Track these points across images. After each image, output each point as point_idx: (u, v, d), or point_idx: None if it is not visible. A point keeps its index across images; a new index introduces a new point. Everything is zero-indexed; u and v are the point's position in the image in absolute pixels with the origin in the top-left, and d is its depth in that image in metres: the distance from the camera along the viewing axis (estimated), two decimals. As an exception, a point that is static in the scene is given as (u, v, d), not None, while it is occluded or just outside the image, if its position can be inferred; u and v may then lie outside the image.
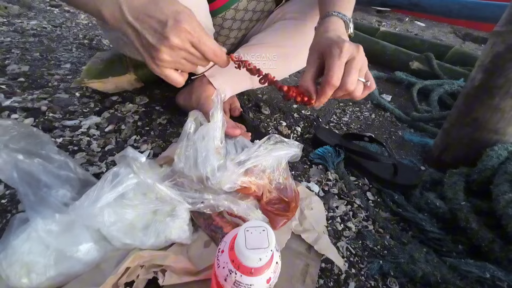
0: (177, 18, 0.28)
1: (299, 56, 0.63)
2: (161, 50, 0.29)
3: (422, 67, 1.25)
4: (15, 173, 0.27)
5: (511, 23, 0.45)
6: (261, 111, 0.76)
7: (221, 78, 0.58)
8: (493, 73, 0.48)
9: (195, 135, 0.42)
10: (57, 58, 0.85)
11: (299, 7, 0.61)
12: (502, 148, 0.47)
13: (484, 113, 0.51)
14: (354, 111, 0.91)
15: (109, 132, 0.57)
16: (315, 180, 0.54)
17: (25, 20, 1.15)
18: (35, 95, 0.64)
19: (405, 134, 0.82)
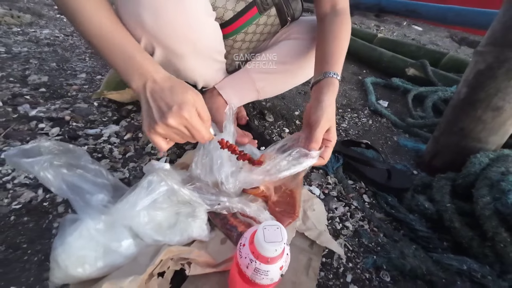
0: (181, 106, 0.34)
1: (301, 71, 0.69)
2: (159, 125, 0.34)
3: (418, 74, 1.31)
4: (64, 185, 0.32)
5: (491, 45, 0.50)
6: (266, 119, 0.81)
7: (230, 91, 0.63)
8: (475, 88, 0.53)
9: (211, 145, 0.47)
10: (73, 68, 0.90)
11: (302, 28, 0.66)
12: (484, 155, 0.53)
13: (469, 123, 0.56)
14: (352, 117, 0.97)
15: (128, 140, 0.62)
16: (316, 183, 0.60)
17: (37, 29, 1.20)
18: (57, 105, 0.69)
19: (400, 140, 0.87)
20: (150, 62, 0.37)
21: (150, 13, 0.41)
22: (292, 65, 0.67)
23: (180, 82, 0.37)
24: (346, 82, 1.27)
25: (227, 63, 0.63)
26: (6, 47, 0.97)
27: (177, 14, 0.42)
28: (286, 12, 0.62)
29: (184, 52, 0.47)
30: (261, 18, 0.59)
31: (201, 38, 0.48)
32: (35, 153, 0.34)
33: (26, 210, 0.42)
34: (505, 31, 0.49)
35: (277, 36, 0.70)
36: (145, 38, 0.43)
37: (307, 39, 0.65)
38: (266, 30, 0.64)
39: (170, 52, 0.46)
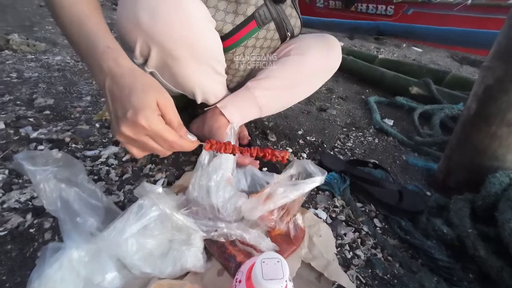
0: (136, 112, 0.28)
1: (303, 87, 0.69)
2: (118, 132, 0.30)
3: (421, 92, 1.30)
4: (58, 202, 0.30)
5: (497, 59, 0.49)
6: (268, 138, 0.79)
7: (232, 109, 0.62)
8: (486, 102, 0.51)
9: (209, 167, 0.45)
10: (79, 91, 0.92)
11: (302, 45, 0.67)
12: (504, 175, 0.49)
13: (482, 140, 0.53)
14: (357, 136, 0.94)
15: (126, 162, 0.60)
16: (322, 206, 0.56)
17: (50, 56, 1.26)
18: (59, 127, 0.69)
19: (409, 159, 0.83)
20: (112, 54, 0.32)
21: (148, 12, 0.41)
22: (294, 82, 0.66)
23: (143, 78, 0.32)
24: (350, 101, 1.26)
25: (227, 79, 0.63)
26: (18, 73, 1.01)
27: (175, 14, 0.42)
28: (285, 28, 0.63)
29: (181, 54, 0.46)
30: (261, 32, 0.60)
31: (199, 40, 0.47)
32: (42, 161, 0.32)
33: (11, 236, 0.39)
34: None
35: (277, 52, 0.71)
36: (141, 39, 0.43)
37: (307, 55, 0.65)
38: (266, 45, 0.64)
39: (166, 54, 0.45)
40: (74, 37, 0.34)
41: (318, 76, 0.70)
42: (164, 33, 0.43)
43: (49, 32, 1.76)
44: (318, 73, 0.69)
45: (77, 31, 0.33)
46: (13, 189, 0.47)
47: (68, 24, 0.34)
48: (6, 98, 0.80)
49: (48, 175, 0.30)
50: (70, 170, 0.35)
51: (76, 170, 0.37)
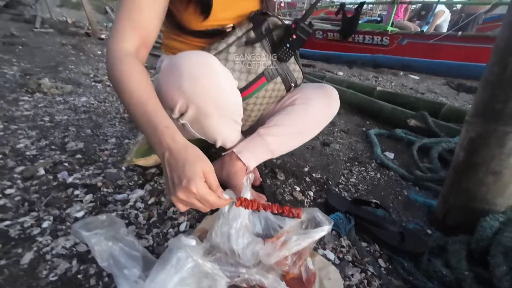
0: (189, 181, 0.37)
1: (309, 131, 0.78)
2: (173, 195, 0.39)
3: (419, 124, 1.37)
4: (110, 260, 0.36)
5: (477, 116, 0.56)
6: (277, 177, 0.86)
7: (247, 154, 0.70)
8: (471, 153, 0.58)
9: (230, 214, 0.52)
10: (104, 134, 1.02)
11: (304, 95, 0.77)
12: (494, 219, 0.54)
13: (473, 185, 0.59)
14: (360, 171, 1.00)
15: (151, 205, 0.67)
16: (330, 247, 0.61)
17: (76, 97, 1.39)
18: (91, 171, 0.78)
19: (411, 194, 0.89)
20: (169, 132, 0.41)
21: (189, 81, 0.52)
22: (300, 127, 0.75)
23: (193, 153, 0.40)
24: (351, 135, 1.34)
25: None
26: (50, 116, 1.12)
27: (210, 83, 0.54)
28: (289, 80, 0.72)
29: (212, 112, 0.57)
30: (269, 85, 0.70)
31: (227, 102, 0.58)
32: (93, 226, 0.40)
33: (61, 282, 0.45)
34: (488, 104, 0.55)
35: (283, 101, 0.80)
36: (181, 100, 0.54)
37: (311, 105, 0.75)
38: (274, 95, 0.74)
39: (200, 112, 0.56)
40: (137, 116, 0.43)
41: (320, 122, 0.78)
42: (201, 97, 0.54)
43: (72, 72, 1.93)
44: (320, 119, 0.77)
45: (140, 112, 0.43)
46: (59, 235, 0.54)
47: (132, 106, 0.43)
48: (42, 143, 0.90)
49: (99, 237, 0.37)
50: (113, 228, 0.42)
51: (117, 226, 0.44)
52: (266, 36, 0.66)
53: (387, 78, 2.80)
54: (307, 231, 0.47)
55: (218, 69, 0.55)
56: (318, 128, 0.79)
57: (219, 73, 0.55)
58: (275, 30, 0.66)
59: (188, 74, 0.52)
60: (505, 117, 0.51)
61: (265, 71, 0.68)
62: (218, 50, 0.64)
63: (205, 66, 0.54)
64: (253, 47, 0.65)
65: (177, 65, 0.53)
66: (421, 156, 1.15)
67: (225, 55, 0.64)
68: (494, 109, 0.52)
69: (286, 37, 0.65)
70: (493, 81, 0.52)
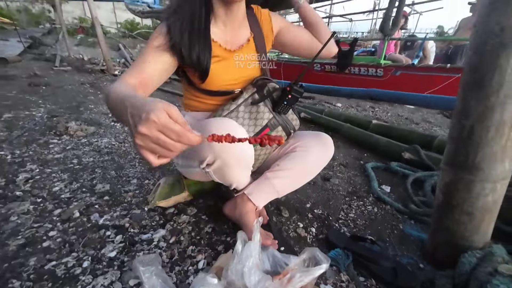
0: (149, 112, 0.36)
1: (309, 173, 0.89)
2: (135, 137, 0.38)
3: (414, 157, 1.48)
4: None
5: (447, 164, 0.67)
6: (282, 214, 0.95)
7: (256, 196, 0.81)
8: (448, 196, 0.68)
9: (243, 254, 0.61)
10: (127, 175, 1.15)
11: (304, 143, 0.89)
12: (472, 255, 0.62)
13: (452, 224, 0.68)
14: (358, 205, 1.09)
15: (172, 244, 0.77)
16: (331, 282, 0.68)
17: (99, 139, 1.54)
18: (118, 212, 0.88)
19: (406, 228, 0.96)
20: (133, 95, 0.43)
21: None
22: (302, 171, 0.86)
23: (153, 99, 0.40)
24: (350, 168, 1.44)
25: None
26: (78, 159, 1.26)
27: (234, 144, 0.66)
28: (289, 128, 0.85)
29: (233, 163, 0.69)
30: (272, 133, 0.82)
31: (245, 156, 0.71)
32: (146, 261, 0.50)
33: (104, 317, 0.54)
34: (453, 156, 0.66)
35: (285, 147, 0.92)
36: (210, 155, 0.66)
37: (310, 152, 0.87)
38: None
39: (224, 163, 0.68)
40: (116, 107, 0.47)
41: (319, 166, 0.90)
42: (226, 153, 0.67)
43: (93, 112, 2.12)
44: (319, 163, 0.89)
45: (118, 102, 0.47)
46: (98, 274, 0.63)
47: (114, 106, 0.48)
48: (74, 185, 1.02)
49: (151, 273, 0.48)
50: (156, 264, 0.52)
51: (157, 262, 0.54)
52: (267, 97, 0.80)
53: (383, 108, 2.97)
54: (309, 268, 0.56)
55: (240, 132, 0.68)
56: (317, 170, 0.90)
57: (239, 134, 0.68)
58: (274, 92, 0.81)
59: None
60: (468, 168, 0.61)
61: (268, 123, 0.82)
62: (230, 110, 0.79)
63: (231, 130, 0.66)
64: (258, 106, 0.79)
65: (208, 129, 0.65)
66: (416, 189, 1.24)
67: (236, 113, 0.79)
68: (459, 160, 0.63)
69: (283, 97, 0.79)
70: (455, 138, 0.63)
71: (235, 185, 0.80)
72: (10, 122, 1.71)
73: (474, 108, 0.57)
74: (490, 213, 0.64)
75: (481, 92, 0.56)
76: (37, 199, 0.92)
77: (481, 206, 0.63)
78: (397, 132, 1.78)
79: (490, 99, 0.55)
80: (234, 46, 0.78)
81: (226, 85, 0.79)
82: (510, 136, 0.57)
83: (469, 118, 0.59)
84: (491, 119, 0.55)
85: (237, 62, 0.79)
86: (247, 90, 0.80)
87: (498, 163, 0.59)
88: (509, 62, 0.51)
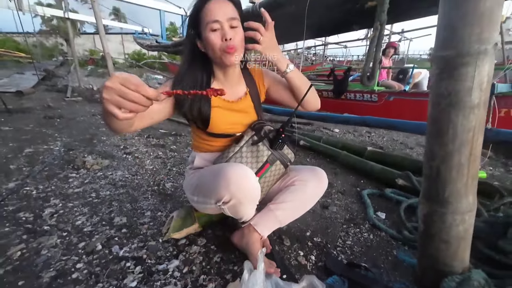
0: (114, 73, 0.47)
1: (308, 203, 0.99)
2: (102, 92, 0.47)
3: (407, 184, 1.57)
4: None
5: (424, 198, 0.78)
6: (284, 243, 1.04)
7: (261, 226, 0.91)
8: (427, 225, 0.77)
9: (249, 283, 0.70)
10: (141, 207, 1.25)
11: (301, 177, 1.00)
12: (451, 279, 0.71)
13: (433, 251, 0.77)
14: (355, 232, 1.17)
15: (186, 273, 0.85)
16: (330, 307, 0.76)
17: (113, 172, 1.66)
18: (136, 244, 0.98)
19: (399, 254, 1.04)
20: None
21: (235, 185, 0.77)
22: (301, 203, 0.97)
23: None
24: (347, 195, 1.54)
25: None
26: (95, 192, 1.37)
27: (248, 185, 0.79)
28: (285, 161, 0.97)
29: (245, 201, 0.81)
30: (272, 168, 0.95)
31: (257, 195, 0.83)
32: None
33: None
34: (427, 191, 0.77)
35: (285, 181, 1.03)
36: (227, 195, 0.77)
37: (307, 185, 0.98)
38: (276, 173, 0.98)
39: (239, 202, 0.80)
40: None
41: (315, 197, 1.00)
42: (241, 194, 0.78)
43: (106, 144, 2.27)
44: (315, 195, 1.00)
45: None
46: (122, 303, 0.72)
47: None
48: (94, 219, 1.13)
49: None
50: None
51: None
52: (264, 138, 0.93)
53: (379, 133, 3.11)
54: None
55: (251, 176, 0.80)
56: (314, 201, 1.01)
57: (252, 178, 0.80)
58: (270, 133, 0.94)
59: (234, 180, 0.77)
60: (440, 202, 0.72)
61: (267, 159, 0.94)
62: (235, 151, 0.92)
63: (245, 175, 0.79)
64: (257, 146, 0.93)
65: (226, 174, 0.77)
66: (409, 215, 1.32)
67: (240, 153, 0.92)
68: (432, 195, 0.74)
69: (278, 136, 0.92)
70: (427, 176, 0.75)
71: (244, 218, 0.91)
72: (31, 156, 1.85)
73: (437, 152, 0.70)
74: (464, 240, 0.73)
75: (441, 140, 0.68)
76: (63, 233, 1.02)
77: (455, 234, 0.72)
78: (391, 159, 1.89)
79: (448, 145, 0.67)
80: (233, 98, 0.94)
81: (228, 129, 0.94)
82: (470, 175, 0.68)
83: (435, 160, 0.71)
84: (452, 161, 0.68)
85: (236, 110, 0.94)
86: (247, 133, 0.94)
87: (463, 198, 0.70)
88: (459, 118, 0.64)
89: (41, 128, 2.67)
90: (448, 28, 0.63)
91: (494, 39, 0.59)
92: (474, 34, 0.59)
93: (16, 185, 1.39)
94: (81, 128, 2.80)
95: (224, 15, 0.77)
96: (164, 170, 1.74)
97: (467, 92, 0.62)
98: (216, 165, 0.89)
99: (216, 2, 0.78)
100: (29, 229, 1.03)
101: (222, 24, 0.77)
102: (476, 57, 0.60)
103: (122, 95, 0.47)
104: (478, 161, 0.69)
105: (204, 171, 0.93)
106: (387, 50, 4.22)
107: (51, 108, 3.96)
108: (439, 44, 0.66)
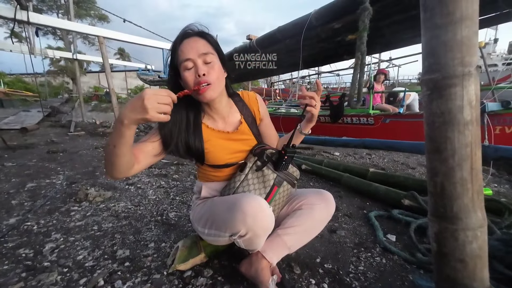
0: (142, 94, 0.61)
1: (316, 228, 0.98)
2: (145, 101, 0.59)
3: (413, 203, 1.55)
4: None
5: (433, 215, 0.77)
6: (294, 271, 1.00)
7: (270, 253, 0.88)
8: (440, 244, 0.76)
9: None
10: (144, 239, 1.22)
11: (308, 201, 1.00)
12: (473, 302, 0.67)
13: (450, 271, 0.74)
14: (366, 257, 1.13)
15: (192, 308, 0.81)
16: None
17: (115, 203, 1.64)
18: (139, 278, 0.93)
19: (416, 279, 0.99)
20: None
21: (251, 218, 0.75)
22: (309, 227, 0.95)
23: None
24: (354, 218, 1.51)
25: None
26: (98, 225, 1.34)
27: (264, 218, 0.78)
28: (292, 179, 0.97)
29: (260, 234, 0.79)
30: (280, 189, 0.94)
31: (271, 226, 0.82)
32: None
33: None
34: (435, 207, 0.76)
35: (293, 205, 1.02)
36: (243, 229, 0.76)
37: (315, 209, 0.97)
38: (285, 194, 0.97)
39: (255, 235, 0.78)
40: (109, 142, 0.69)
41: (323, 221, 0.99)
42: (257, 227, 0.77)
43: (108, 176, 2.27)
44: (323, 219, 0.99)
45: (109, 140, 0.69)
46: None
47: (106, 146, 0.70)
48: (96, 253, 1.09)
49: None
50: None
51: None
52: (268, 162, 0.95)
53: (379, 154, 3.13)
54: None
55: (266, 207, 0.79)
56: (322, 225, 0.99)
57: (267, 210, 0.79)
58: (273, 156, 0.96)
59: (251, 214, 0.76)
60: (449, 218, 0.71)
61: (274, 181, 0.94)
62: (241, 180, 0.92)
63: (260, 208, 0.77)
64: (262, 170, 0.93)
65: (241, 207, 0.76)
66: (420, 235, 1.28)
67: (246, 181, 0.92)
68: (440, 212, 0.74)
69: (281, 158, 0.94)
70: (432, 192, 0.75)
71: (257, 249, 0.88)
72: (33, 191, 1.84)
73: (439, 168, 0.71)
74: (480, 259, 0.71)
75: (441, 156, 0.70)
76: (63, 269, 0.98)
77: (470, 252, 0.70)
78: (394, 179, 1.89)
79: (449, 161, 0.69)
80: (230, 128, 0.96)
81: (230, 159, 0.94)
82: (474, 190, 0.69)
83: (438, 176, 0.72)
84: (455, 176, 0.69)
85: (235, 140, 0.96)
86: (250, 160, 0.95)
87: (472, 213, 0.69)
88: (455, 134, 0.67)
89: (44, 163, 2.69)
90: (432, 55, 0.70)
91: (476, 62, 0.65)
92: (457, 58, 0.65)
93: (17, 221, 1.37)
94: (83, 161, 2.82)
95: (196, 52, 0.78)
96: (167, 200, 1.72)
97: (459, 109, 0.66)
98: (229, 197, 0.88)
99: (188, 42, 0.79)
100: (29, 266, 0.99)
101: (195, 61, 0.78)
102: (461, 78, 0.65)
103: (159, 101, 0.62)
104: (480, 175, 0.70)
105: (216, 203, 0.91)
106: (377, 76, 4.45)
107: (54, 143, 4.03)
108: (426, 69, 0.72)
